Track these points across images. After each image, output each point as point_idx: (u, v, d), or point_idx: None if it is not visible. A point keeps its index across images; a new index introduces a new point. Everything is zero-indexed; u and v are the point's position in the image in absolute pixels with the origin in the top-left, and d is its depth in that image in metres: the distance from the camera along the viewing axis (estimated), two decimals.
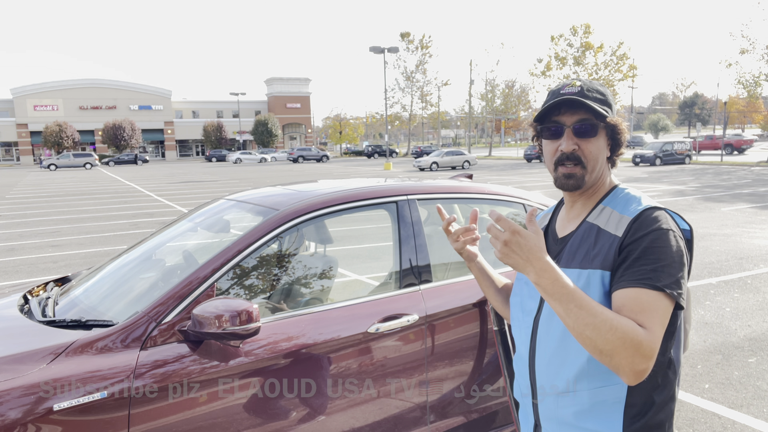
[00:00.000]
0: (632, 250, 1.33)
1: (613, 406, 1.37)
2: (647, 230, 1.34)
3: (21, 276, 8.08)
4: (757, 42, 36.48)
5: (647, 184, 21.92)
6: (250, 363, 2.11)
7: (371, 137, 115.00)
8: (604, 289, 1.36)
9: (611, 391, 1.37)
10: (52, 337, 2.05)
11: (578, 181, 1.44)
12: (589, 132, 1.42)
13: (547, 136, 1.47)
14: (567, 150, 1.43)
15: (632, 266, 1.31)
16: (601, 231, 1.43)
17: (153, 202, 18.78)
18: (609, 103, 1.46)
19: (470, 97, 64.66)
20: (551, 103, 1.43)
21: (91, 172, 44.61)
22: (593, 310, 1.23)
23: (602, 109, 1.41)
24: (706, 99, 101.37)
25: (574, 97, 1.41)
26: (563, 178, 1.45)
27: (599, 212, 1.47)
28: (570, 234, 1.51)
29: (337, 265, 3.03)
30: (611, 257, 1.36)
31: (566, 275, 1.37)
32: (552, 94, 1.48)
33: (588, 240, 1.44)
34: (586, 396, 1.39)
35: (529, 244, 1.24)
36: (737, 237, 9.84)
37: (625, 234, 1.36)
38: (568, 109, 1.43)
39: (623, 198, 1.47)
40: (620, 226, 1.39)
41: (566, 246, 1.49)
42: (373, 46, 38.40)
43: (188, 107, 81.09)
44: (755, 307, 5.88)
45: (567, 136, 1.43)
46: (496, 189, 3.06)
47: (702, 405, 3.78)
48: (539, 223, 1.69)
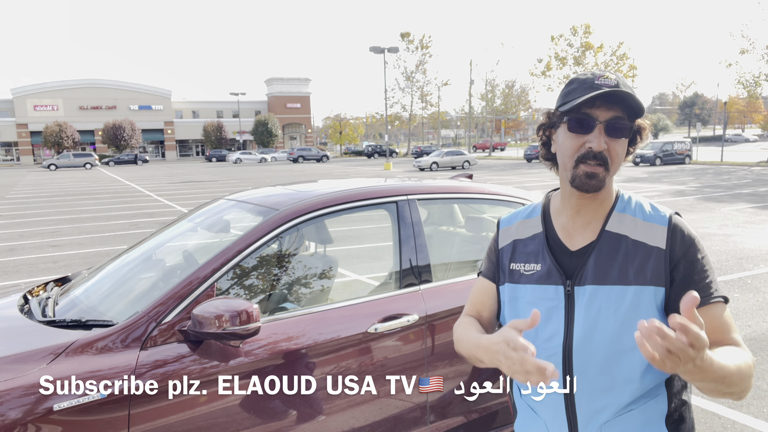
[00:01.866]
0: (689, 265, 1.29)
1: (658, 419, 1.31)
2: (691, 241, 1.31)
3: (21, 276, 8.08)
4: (757, 42, 36.60)
5: (647, 184, 21.92)
6: (250, 363, 2.11)
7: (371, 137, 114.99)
8: (657, 305, 1.28)
9: (656, 403, 1.31)
10: (52, 337, 2.05)
11: (600, 182, 1.29)
12: (622, 132, 1.29)
13: (575, 129, 1.29)
14: (598, 149, 1.27)
15: (700, 281, 1.28)
16: (634, 242, 1.31)
17: (153, 202, 18.78)
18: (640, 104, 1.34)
19: (470, 97, 64.71)
20: (590, 96, 1.25)
21: (91, 172, 44.62)
22: (736, 362, 1.15)
23: (640, 106, 1.29)
24: (706, 99, 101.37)
25: (619, 90, 1.25)
26: (584, 177, 1.29)
27: (619, 220, 1.34)
28: (590, 246, 1.34)
29: (337, 265, 3.03)
30: (662, 271, 1.28)
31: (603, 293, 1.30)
32: (582, 83, 1.30)
33: (619, 252, 1.31)
34: (634, 416, 1.30)
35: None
36: (737, 237, 9.84)
37: (669, 245, 1.29)
38: (603, 104, 1.27)
39: (635, 203, 1.37)
40: (655, 236, 1.31)
41: (589, 260, 1.33)
42: (373, 46, 38.41)
43: (188, 107, 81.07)
44: (755, 307, 5.88)
45: (599, 132, 1.27)
46: (496, 189, 3.06)
47: (702, 405, 3.78)
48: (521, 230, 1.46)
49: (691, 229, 1.34)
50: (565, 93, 1.33)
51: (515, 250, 1.45)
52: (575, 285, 1.32)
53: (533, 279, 1.39)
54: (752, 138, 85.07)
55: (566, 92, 1.33)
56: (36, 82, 70.76)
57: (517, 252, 1.44)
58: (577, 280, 1.33)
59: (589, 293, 1.30)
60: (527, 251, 1.42)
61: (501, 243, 1.49)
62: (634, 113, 1.29)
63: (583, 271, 1.32)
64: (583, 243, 1.36)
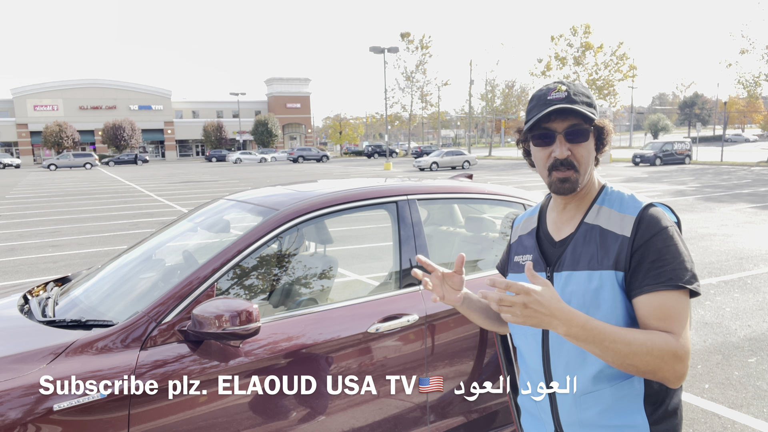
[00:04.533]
0: (647, 251, 1.36)
1: (634, 399, 1.40)
2: (656, 230, 1.37)
3: (21, 276, 8.08)
4: (756, 42, 36.68)
5: (647, 184, 21.92)
6: (250, 363, 2.11)
7: (371, 137, 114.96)
8: (618, 288, 1.38)
9: (631, 384, 1.40)
10: (52, 337, 2.05)
11: (573, 184, 1.45)
12: (580, 136, 1.43)
13: (538, 143, 1.47)
14: (561, 156, 1.43)
15: (652, 268, 1.34)
16: (604, 231, 1.43)
17: (153, 202, 18.78)
18: (594, 105, 1.47)
19: (470, 97, 64.66)
20: (543, 113, 1.41)
21: (91, 172, 44.61)
22: (626, 338, 1.26)
23: (590, 113, 1.42)
24: (706, 99, 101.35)
25: (564, 106, 1.41)
26: (558, 182, 1.45)
27: (596, 212, 1.48)
28: (569, 236, 1.50)
29: (337, 265, 3.03)
30: (624, 257, 1.38)
31: (575, 278, 1.42)
32: (538, 99, 1.47)
33: (592, 241, 1.44)
34: (608, 393, 1.40)
35: (547, 298, 1.21)
36: (737, 237, 9.84)
37: (634, 234, 1.38)
38: (558, 116, 1.43)
39: (616, 196, 1.49)
40: (624, 225, 1.41)
41: (567, 249, 1.48)
42: (373, 46, 38.40)
43: (188, 107, 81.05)
44: (755, 307, 5.88)
45: (559, 142, 1.43)
46: (496, 189, 3.06)
47: (702, 405, 3.78)
48: (524, 226, 1.67)
49: (665, 219, 1.40)
50: (528, 110, 1.50)
51: (519, 244, 1.65)
52: (554, 271, 1.49)
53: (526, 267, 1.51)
54: (752, 138, 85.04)
55: (528, 110, 1.50)
56: (36, 82, 70.76)
57: (519, 245, 1.65)
58: (555, 267, 1.49)
59: (564, 278, 1.46)
60: (525, 244, 1.62)
61: (512, 239, 1.71)
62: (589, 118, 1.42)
63: (561, 259, 1.49)
64: (566, 234, 1.52)
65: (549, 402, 1.50)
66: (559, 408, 1.47)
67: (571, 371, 1.44)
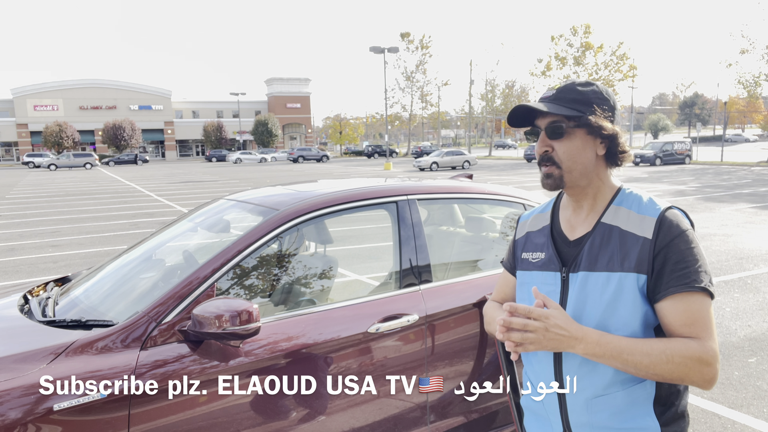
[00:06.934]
0: (669, 253, 1.36)
1: (645, 401, 1.40)
2: (677, 232, 1.37)
3: (21, 276, 8.08)
4: (757, 42, 36.67)
5: (648, 184, 21.92)
6: (250, 363, 2.11)
7: (371, 137, 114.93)
8: (639, 291, 1.37)
9: (643, 386, 1.39)
10: (52, 337, 2.05)
11: (556, 180, 1.46)
12: (557, 134, 1.44)
13: (530, 139, 1.53)
14: (539, 152, 1.47)
15: (675, 270, 1.34)
16: (624, 233, 1.41)
17: (153, 202, 18.78)
18: (589, 103, 1.42)
19: (470, 97, 64.67)
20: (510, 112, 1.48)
21: (91, 172, 44.61)
22: (643, 349, 1.28)
23: (571, 111, 1.41)
24: (706, 99, 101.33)
25: (527, 105, 1.44)
26: (543, 177, 1.48)
27: (614, 213, 1.45)
28: (585, 236, 1.48)
29: (337, 265, 3.03)
30: (646, 259, 1.36)
31: (593, 279, 1.41)
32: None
33: (611, 242, 1.42)
34: (620, 397, 1.39)
35: (564, 320, 1.25)
36: (737, 237, 9.84)
37: (656, 235, 1.37)
38: (542, 114, 1.46)
39: (635, 198, 1.47)
40: (645, 227, 1.39)
41: (584, 248, 1.46)
42: (373, 46, 38.42)
43: (188, 107, 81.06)
44: (755, 307, 5.88)
45: (540, 138, 1.47)
46: (496, 189, 3.06)
47: (702, 405, 3.78)
48: (534, 223, 1.64)
49: (684, 222, 1.40)
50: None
51: (527, 241, 1.63)
52: (570, 272, 1.46)
53: (538, 266, 1.55)
54: (752, 138, 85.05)
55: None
56: (36, 82, 70.80)
57: (528, 242, 1.63)
58: (572, 267, 1.46)
59: (581, 279, 1.43)
60: (536, 241, 1.60)
61: (518, 235, 1.69)
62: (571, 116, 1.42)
63: (577, 259, 1.46)
64: (581, 233, 1.49)
65: (558, 403, 1.47)
66: (569, 409, 1.45)
67: (582, 374, 1.42)
